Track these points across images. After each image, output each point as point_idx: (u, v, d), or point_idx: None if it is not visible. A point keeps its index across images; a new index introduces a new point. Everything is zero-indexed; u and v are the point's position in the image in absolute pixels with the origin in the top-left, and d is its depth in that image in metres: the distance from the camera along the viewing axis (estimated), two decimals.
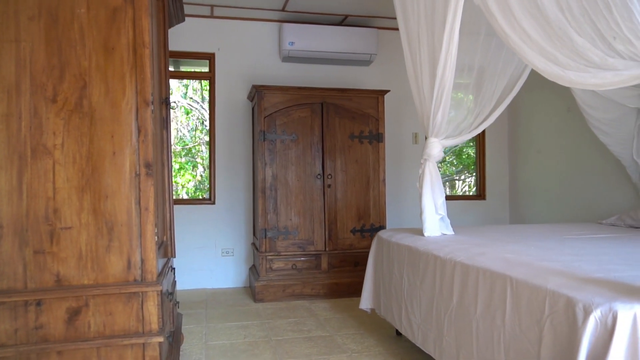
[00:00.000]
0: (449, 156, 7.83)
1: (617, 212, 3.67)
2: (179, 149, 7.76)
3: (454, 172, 7.48)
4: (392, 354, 2.88)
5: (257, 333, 3.33)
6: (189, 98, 7.46)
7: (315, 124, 4.30)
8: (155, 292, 1.86)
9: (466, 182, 6.76)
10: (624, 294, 1.39)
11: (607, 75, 1.44)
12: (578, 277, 1.61)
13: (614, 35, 1.39)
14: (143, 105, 1.86)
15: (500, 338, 1.78)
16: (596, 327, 1.35)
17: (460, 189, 6.79)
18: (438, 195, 2.83)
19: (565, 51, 1.56)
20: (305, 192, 4.27)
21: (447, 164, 7.89)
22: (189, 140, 7.56)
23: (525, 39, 1.72)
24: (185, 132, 7.63)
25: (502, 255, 2.02)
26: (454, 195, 5.94)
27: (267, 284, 4.15)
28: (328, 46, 4.65)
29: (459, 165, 6.87)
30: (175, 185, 7.34)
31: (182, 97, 7.77)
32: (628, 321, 1.31)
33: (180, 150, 7.77)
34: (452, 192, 6.57)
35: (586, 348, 1.36)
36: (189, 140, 7.55)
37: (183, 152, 7.69)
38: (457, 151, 6.65)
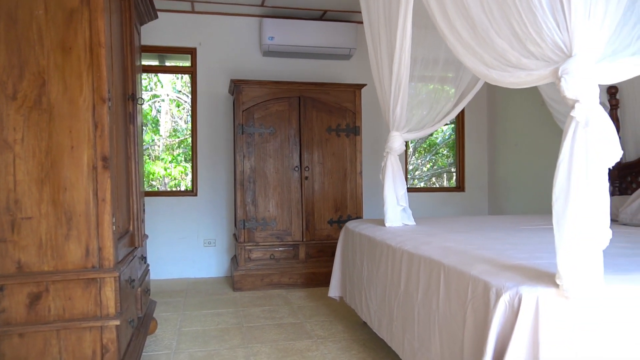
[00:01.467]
0: (442, 148, 7.93)
1: None
2: (172, 142, 7.87)
3: (446, 164, 7.58)
4: (355, 340, 3.00)
5: (230, 320, 3.45)
6: (178, 91, 7.56)
7: (293, 117, 4.39)
8: (113, 278, 1.97)
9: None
10: (532, 279, 1.49)
11: (522, 74, 1.54)
12: (502, 264, 1.71)
13: (526, 37, 1.48)
14: (100, 102, 1.96)
15: (435, 321, 1.89)
16: (505, 309, 1.46)
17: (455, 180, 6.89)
18: (399, 187, 2.93)
19: (490, 51, 1.66)
20: (283, 184, 4.38)
21: (442, 156, 7.98)
22: (181, 134, 7.66)
23: (458, 39, 1.81)
24: (182, 124, 7.73)
25: (444, 244, 2.13)
26: (433, 188, 6.05)
27: (245, 273, 4.27)
28: (308, 41, 4.73)
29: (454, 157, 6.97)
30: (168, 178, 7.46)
31: (172, 90, 7.88)
32: (532, 304, 1.41)
33: (173, 143, 7.89)
34: (449, 183, 6.64)
35: (496, 329, 1.46)
36: (181, 134, 7.65)
37: (175, 144, 7.81)
38: (451, 143, 6.73)
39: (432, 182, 7.76)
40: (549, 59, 1.45)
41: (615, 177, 3.62)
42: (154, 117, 8.13)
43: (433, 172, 8.49)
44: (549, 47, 1.42)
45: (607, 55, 1.43)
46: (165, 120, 8.17)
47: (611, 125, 1.34)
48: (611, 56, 1.44)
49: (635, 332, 1.39)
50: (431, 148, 9.02)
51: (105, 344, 1.96)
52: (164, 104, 7.97)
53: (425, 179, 8.46)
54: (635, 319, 1.40)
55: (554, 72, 1.41)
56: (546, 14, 1.39)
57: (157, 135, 8.15)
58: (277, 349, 2.86)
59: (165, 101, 8.04)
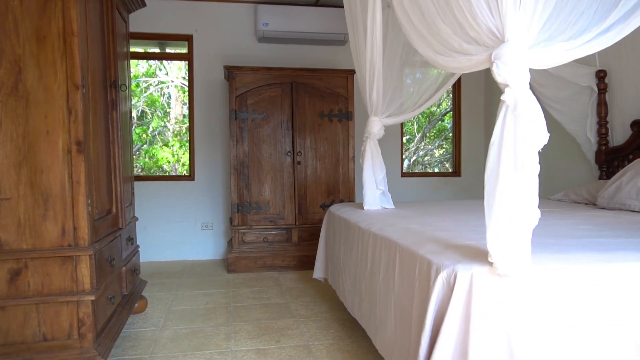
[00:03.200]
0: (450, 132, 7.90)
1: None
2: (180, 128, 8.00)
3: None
4: (336, 320, 3.09)
5: (220, 300, 3.57)
6: (183, 78, 7.66)
7: (286, 103, 4.46)
8: (88, 256, 2.08)
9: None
10: (470, 258, 1.55)
11: (463, 59, 1.58)
12: (451, 244, 1.77)
13: (466, 23, 1.52)
14: (73, 88, 2.06)
15: (391, 300, 1.96)
16: (442, 286, 1.52)
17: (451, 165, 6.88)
18: (378, 171, 2.99)
19: (437, 37, 1.70)
20: (276, 169, 4.46)
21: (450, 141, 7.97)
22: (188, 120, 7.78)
23: (410, 25, 1.85)
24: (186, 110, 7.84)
25: (407, 226, 2.19)
26: (430, 173, 6.08)
27: (239, 255, 4.39)
28: (303, 26, 4.77)
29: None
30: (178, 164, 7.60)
31: (177, 77, 7.99)
32: (466, 281, 1.47)
33: (181, 130, 8.02)
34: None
35: (435, 304, 1.53)
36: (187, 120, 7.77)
37: (183, 130, 7.93)
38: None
39: (446, 167, 7.74)
40: (486, 45, 1.49)
41: (603, 161, 3.61)
42: (162, 103, 8.28)
43: (442, 157, 8.50)
44: (485, 33, 1.46)
45: (542, 41, 1.47)
46: (175, 106, 8.30)
47: (539, 110, 1.38)
48: (547, 41, 1.47)
49: (559, 307, 1.45)
50: (440, 133, 9.00)
51: (82, 318, 2.08)
52: (174, 90, 8.11)
53: (439, 165, 8.46)
54: (559, 295, 1.45)
55: (489, 57, 1.45)
56: (480, 1, 1.43)
57: (165, 120, 8.31)
58: (258, 327, 2.97)
59: (170, 87, 8.18)
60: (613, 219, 2.47)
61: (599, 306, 1.46)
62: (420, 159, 9.32)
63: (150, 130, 8.21)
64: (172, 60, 5.91)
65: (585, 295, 1.46)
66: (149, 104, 8.34)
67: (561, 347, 1.45)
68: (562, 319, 1.45)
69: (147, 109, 8.34)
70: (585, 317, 1.46)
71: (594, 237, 1.91)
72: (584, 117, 3.65)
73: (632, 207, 2.72)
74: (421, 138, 9.29)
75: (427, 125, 9.27)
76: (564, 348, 1.45)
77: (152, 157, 8.04)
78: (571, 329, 1.46)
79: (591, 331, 1.46)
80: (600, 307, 1.47)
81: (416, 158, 9.47)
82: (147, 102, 8.31)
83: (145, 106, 8.27)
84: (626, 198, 2.76)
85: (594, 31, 1.47)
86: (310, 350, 2.62)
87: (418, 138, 9.27)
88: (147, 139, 8.20)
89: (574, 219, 2.47)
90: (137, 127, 8.21)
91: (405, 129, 9.34)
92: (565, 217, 2.52)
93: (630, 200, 2.74)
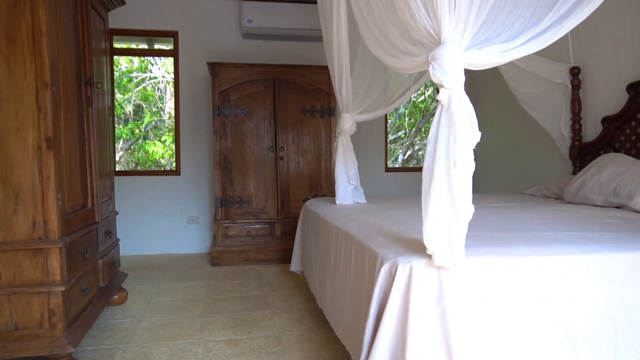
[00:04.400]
0: None
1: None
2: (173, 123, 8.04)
3: None
4: (309, 311, 3.17)
5: (200, 292, 3.65)
6: (168, 73, 7.71)
7: (268, 99, 4.52)
8: (58, 249, 2.16)
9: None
10: (412, 250, 1.62)
11: (407, 60, 1.64)
12: (400, 237, 1.84)
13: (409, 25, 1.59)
14: (42, 87, 2.12)
15: (348, 289, 2.04)
16: (385, 277, 1.60)
17: None
18: (350, 166, 3.06)
19: (385, 38, 1.76)
20: (259, 164, 4.53)
21: None
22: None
23: (365, 25, 1.91)
24: None
25: (368, 220, 2.26)
26: (412, 168, 6.13)
27: (223, 249, 4.46)
28: (287, 23, 4.82)
29: None
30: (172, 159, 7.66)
31: (167, 72, 8.04)
32: (406, 272, 1.54)
33: (173, 125, 8.08)
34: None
35: (378, 294, 1.61)
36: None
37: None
38: None
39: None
40: (427, 46, 1.56)
41: (576, 157, 3.68)
42: (155, 98, 8.34)
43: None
44: (424, 35, 1.53)
45: (479, 42, 1.53)
46: (169, 101, 8.35)
47: (471, 110, 1.45)
48: (484, 43, 1.53)
49: (489, 296, 1.52)
50: None
51: (52, 308, 2.16)
52: (168, 85, 8.16)
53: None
54: (489, 285, 1.53)
55: (427, 58, 1.52)
56: (418, 4, 1.49)
57: (160, 115, 8.37)
58: (233, 319, 3.05)
59: (162, 83, 8.23)
60: (572, 213, 2.54)
61: (526, 296, 1.54)
62: (415, 154, 9.40)
63: (144, 125, 8.28)
64: (158, 56, 5.96)
65: (513, 285, 1.54)
66: (142, 99, 8.40)
67: (492, 333, 1.52)
68: (492, 307, 1.53)
69: (143, 104, 8.41)
70: (514, 305, 1.53)
71: (542, 230, 1.98)
72: (558, 114, 3.71)
73: (594, 202, 2.79)
74: (416, 133, 9.37)
75: (421, 120, 9.35)
76: (495, 335, 1.52)
77: (146, 152, 8.13)
78: (502, 318, 1.53)
79: (520, 319, 1.53)
80: (528, 297, 1.54)
81: (411, 153, 9.57)
82: (141, 97, 8.38)
83: (140, 101, 8.33)
84: (589, 193, 2.83)
85: (529, 34, 1.54)
86: (280, 340, 2.70)
87: (413, 133, 9.35)
88: (140, 134, 8.27)
89: (535, 213, 2.54)
90: (131, 123, 8.28)
91: (399, 124, 9.43)
92: (527, 212, 2.59)
93: (593, 195, 2.80)
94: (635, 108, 3.18)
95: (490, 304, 1.54)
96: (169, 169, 7.13)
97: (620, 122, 3.31)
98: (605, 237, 1.84)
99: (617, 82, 3.34)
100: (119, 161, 8.11)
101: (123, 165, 8.08)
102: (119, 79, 7.87)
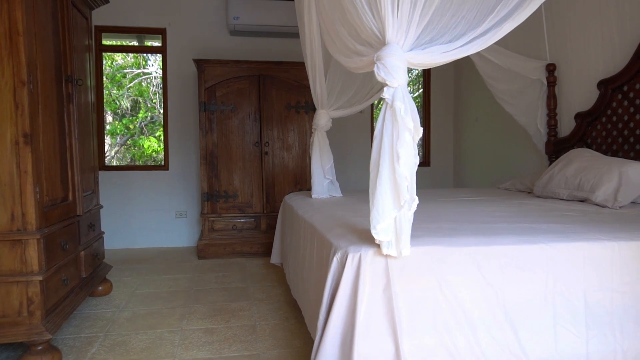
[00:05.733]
0: None
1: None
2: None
3: None
4: (287, 302, 3.26)
5: (183, 284, 3.75)
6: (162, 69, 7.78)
7: (253, 95, 4.60)
8: (36, 240, 2.25)
9: None
10: (363, 240, 1.72)
11: (357, 60, 1.73)
12: (356, 228, 1.93)
13: (357, 27, 1.67)
14: (20, 85, 2.21)
15: (312, 278, 2.13)
16: (337, 265, 1.69)
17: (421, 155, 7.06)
18: (326, 161, 3.15)
19: (338, 39, 1.85)
20: (245, 159, 4.62)
21: None
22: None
23: (324, 27, 2.00)
24: None
25: (334, 213, 2.35)
26: None
27: (209, 242, 4.56)
28: (274, 20, 4.90)
29: None
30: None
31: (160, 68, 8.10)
32: (355, 261, 1.63)
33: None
34: None
35: (330, 282, 1.70)
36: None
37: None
38: None
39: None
40: (374, 47, 1.64)
41: (552, 152, 3.76)
42: (150, 94, 8.42)
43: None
44: (371, 36, 1.61)
45: (424, 43, 1.61)
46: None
47: (414, 107, 1.53)
48: (428, 43, 1.62)
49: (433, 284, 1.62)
50: None
51: (30, 297, 2.25)
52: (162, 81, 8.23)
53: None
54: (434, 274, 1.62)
55: (374, 58, 1.60)
56: (364, 7, 1.57)
57: (155, 111, 8.45)
58: (212, 309, 3.15)
59: (156, 79, 8.31)
60: (535, 206, 2.63)
61: (468, 283, 1.63)
62: (420, 148, 9.52)
63: (138, 121, 8.38)
64: (146, 53, 6.04)
65: (457, 273, 1.63)
66: (138, 94, 8.49)
67: (437, 318, 1.62)
68: (437, 293, 1.62)
69: (141, 99, 8.50)
70: (457, 292, 1.63)
71: (496, 222, 2.07)
72: (534, 109, 3.79)
73: (560, 196, 2.88)
74: None
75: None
76: (440, 319, 1.62)
77: (140, 147, 8.23)
78: (447, 303, 1.63)
79: (462, 305, 1.63)
80: (470, 284, 1.63)
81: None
82: (137, 93, 8.46)
83: (135, 96, 8.42)
84: (556, 187, 2.92)
85: (471, 35, 1.62)
86: (255, 329, 2.80)
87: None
88: (136, 130, 8.37)
89: (499, 206, 2.63)
90: (125, 118, 8.37)
91: None
92: (492, 205, 2.68)
93: (560, 189, 2.89)
94: (605, 104, 3.26)
95: (435, 290, 1.64)
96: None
97: (592, 118, 3.39)
98: (553, 228, 1.93)
99: (589, 79, 3.41)
100: (115, 156, 8.22)
101: (120, 160, 8.19)
102: (112, 75, 7.97)
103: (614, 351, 1.73)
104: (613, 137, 3.20)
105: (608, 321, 1.74)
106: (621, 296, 1.76)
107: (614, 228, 1.93)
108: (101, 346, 2.58)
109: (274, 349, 2.52)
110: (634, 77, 3.00)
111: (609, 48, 3.22)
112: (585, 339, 1.72)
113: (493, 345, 1.67)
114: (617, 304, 1.75)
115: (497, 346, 1.67)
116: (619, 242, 1.76)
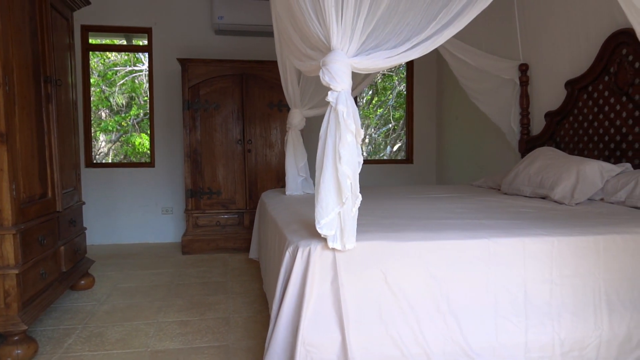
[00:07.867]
0: None
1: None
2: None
3: None
4: (262, 296, 3.35)
5: (165, 279, 3.85)
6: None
7: (236, 93, 4.69)
8: (11, 235, 2.35)
9: None
10: (314, 235, 1.81)
11: (308, 64, 1.82)
12: (312, 224, 2.02)
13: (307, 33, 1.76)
14: None
15: (275, 270, 2.22)
16: (289, 258, 1.79)
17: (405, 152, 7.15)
18: (300, 159, 3.24)
19: (291, 44, 1.94)
20: (228, 156, 4.71)
21: None
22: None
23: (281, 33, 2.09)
24: None
25: (298, 209, 2.45)
26: (383, 160, 6.31)
27: (193, 238, 4.66)
28: (258, 19, 4.98)
29: None
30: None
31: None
32: (305, 254, 1.73)
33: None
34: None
35: (283, 275, 1.80)
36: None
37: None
38: None
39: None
40: (323, 52, 1.73)
41: (524, 150, 3.85)
42: (142, 92, 8.49)
43: None
44: (318, 42, 1.70)
45: (369, 48, 1.71)
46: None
47: (356, 111, 1.63)
48: (374, 49, 1.71)
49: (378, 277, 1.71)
50: None
51: (7, 289, 2.35)
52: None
53: None
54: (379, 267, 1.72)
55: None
56: (310, 15, 1.66)
57: (144, 109, 8.53)
58: (190, 302, 3.25)
59: (147, 76, 8.39)
60: (497, 203, 2.73)
61: (411, 276, 1.73)
62: (404, 146, 9.59)
63: (130, 118, 8.46)
64: (132, 52, 6.12)
65: (400, 266, 1.73)
66: (131, 91, 8.57)
67: (381, 309, 1.71)
68: (382, 286, 1.72)
69: (135, 95, 8.58)
70: (400, 284, 1.72)
71: (449, 219, 2.17)
72: (508, 108, 3.88)
73: (524, 193, 2.98)
74: (403, 125, 9.52)
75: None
76: (384, 310, 1.72)
77: (131, 144, 8.31)
78: (391, 295, 1.72)
79: (406, 297, 1.72)
80: (413, 276, 1.73)
81: (400, 145, 9.74)
82: (129, 90, 8.54)
83: (128, 94, 8.49)
84: (520, 184, 3.02)
85: (414, 41, 1.71)
86: (228, 321, 2.90)
87: (400, 125, 9.50)
88: (128, 127, 8.45)
89: (462, 203, 2.73)
90: (116, 115, 8.45)
91: (390, 116, 9.58)
92: (455, 202, 2.78)
93: (523, 187, 2.99)
94: (572, 104, 3.35)
95: (381, 282, 1.74)
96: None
97: (560, 117, 3.48)
98: (500, 224, 2.03)
99: (558, 79, 3.50)
100: (109, 153, 8.31)
101: (115, 156, 8.27)
102: (104, 72, 8.04)
103: (552, 340, 1.83)
104: (579, 135, 3.30)
105: (547, 312, 1.84)
106: (560, 288, 1.86)
107: (557, 224, 2.03)
108: (78, 337, 2.68)
109: (244, 340, 2.62)
110: (597, 78, 3.10)
111: (576, 49, 3.31)
112: (524, 328, 1.82)
113: (437, 335, 1.76)
114: (555, 295, 1.85)
115: (441, 336, 1.77)
116: (558, 237, 1.86)
